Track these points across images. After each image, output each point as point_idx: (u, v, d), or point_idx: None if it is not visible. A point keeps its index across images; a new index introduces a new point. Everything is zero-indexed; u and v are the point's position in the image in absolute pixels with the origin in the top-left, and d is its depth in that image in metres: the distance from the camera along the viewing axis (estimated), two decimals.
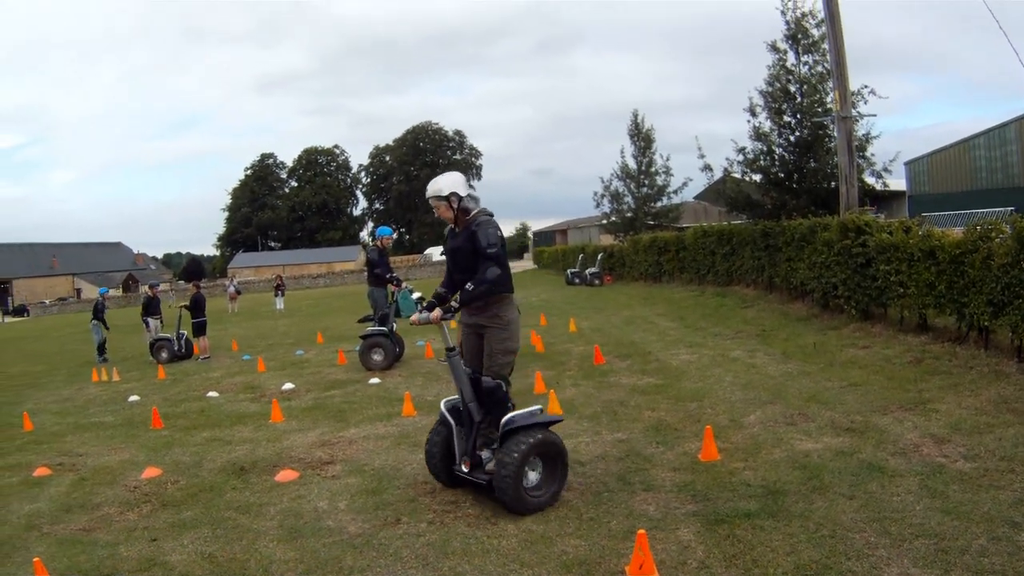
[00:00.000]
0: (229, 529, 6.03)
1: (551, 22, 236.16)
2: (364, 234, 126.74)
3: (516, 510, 5.75)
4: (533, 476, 5.91)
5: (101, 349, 21.75)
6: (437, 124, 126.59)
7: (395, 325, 14.11)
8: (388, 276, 13.74)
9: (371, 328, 13.88)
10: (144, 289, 25.96)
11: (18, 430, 11.37)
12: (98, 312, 22.01)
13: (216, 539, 5.83)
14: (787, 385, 9.36)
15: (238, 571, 5.19)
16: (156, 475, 7.85)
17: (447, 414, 6.37)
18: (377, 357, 13.55)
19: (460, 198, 6.25)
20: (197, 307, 19.48)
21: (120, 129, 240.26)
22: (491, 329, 6.19)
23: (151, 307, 21.00)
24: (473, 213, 6.25)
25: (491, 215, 6.31)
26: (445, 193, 6.21)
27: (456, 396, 6.31)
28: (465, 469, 6.17)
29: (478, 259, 6.11)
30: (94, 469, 8.46)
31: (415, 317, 6.25)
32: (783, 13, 19.15)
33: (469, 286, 6.04)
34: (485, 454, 6.21)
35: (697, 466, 6.47)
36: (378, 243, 14.56)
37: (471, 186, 6.48)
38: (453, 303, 6.16)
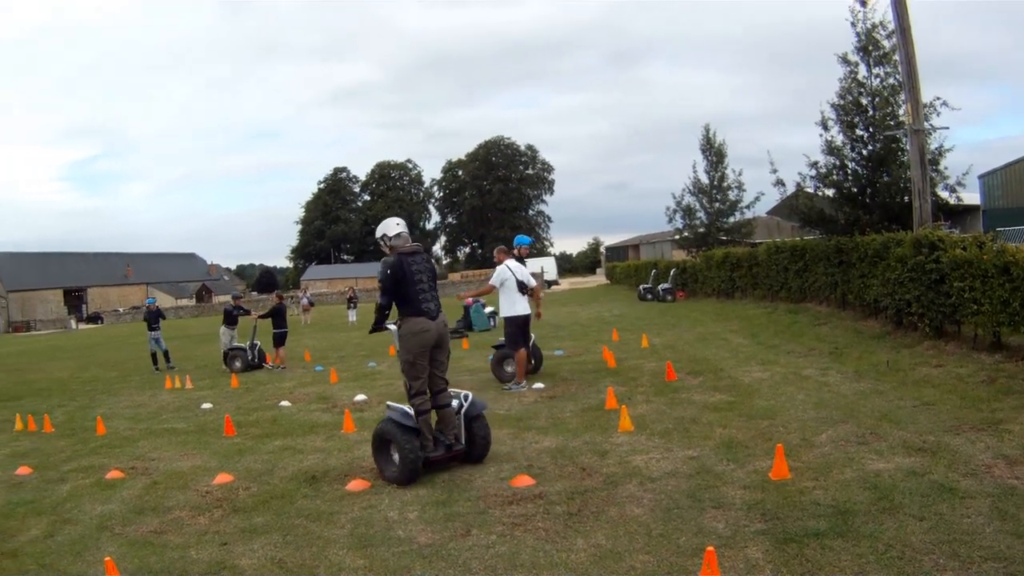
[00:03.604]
0: (299, 536, 6.17)
1: (621, 35, 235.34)
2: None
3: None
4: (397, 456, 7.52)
5: (155, 359, 22.20)
6: (509, 139, 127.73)
7: (533, 336, 13.41)
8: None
9: (501, 339, 13.32)
10: (226, 299, 26.48)
11: (91, 434, 11.73)
12: (157, 321, 22.33)
13: (286, 545, 5.97)
14: (859, 404, 9.21)
15: None
16: (228, 481, 8.04)
17: None
18: (509, 369, 13.08)
19: (389, 238, 7.91)
20: (279, 317, 19.82)
21: (195, 142, 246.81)
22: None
23: (231, 317, 21.35)
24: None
25: (393, 257, 7.77)
26: (377, 236, 8.00)
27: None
28: None
29: None
30: (166, 473, 8.71)
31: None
32: (853, 24, 18.86)
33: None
34: None
35: (767, 484, 6.42)
36: (515, 252, 13.67)
37: (398, 224, 8.01)
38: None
